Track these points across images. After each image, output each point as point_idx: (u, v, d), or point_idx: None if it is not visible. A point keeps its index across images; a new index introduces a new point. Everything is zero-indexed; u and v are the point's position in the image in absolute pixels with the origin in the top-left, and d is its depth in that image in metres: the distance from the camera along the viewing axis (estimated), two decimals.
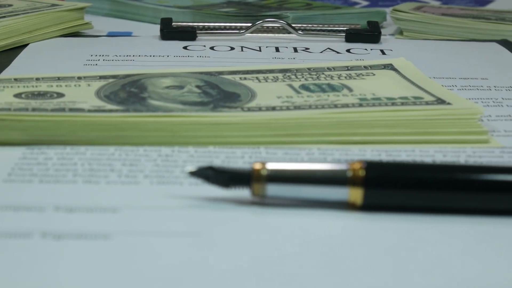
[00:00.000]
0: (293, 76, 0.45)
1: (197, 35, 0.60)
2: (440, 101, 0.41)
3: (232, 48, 0.58)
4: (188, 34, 0.60)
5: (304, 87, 0.43)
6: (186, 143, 0.38)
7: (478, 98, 0.46)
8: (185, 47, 0.58)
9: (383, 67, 0.47)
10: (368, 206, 0.31)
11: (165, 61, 0.54)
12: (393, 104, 0.40)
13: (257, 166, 0.31)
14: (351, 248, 0.29)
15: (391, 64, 0.48)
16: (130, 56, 0.55)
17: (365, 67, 0.47)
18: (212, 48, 0.58)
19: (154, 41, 0.60)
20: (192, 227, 0.30)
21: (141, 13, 0.69)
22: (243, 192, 0.32)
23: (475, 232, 0.30)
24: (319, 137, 0.38)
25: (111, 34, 0.63)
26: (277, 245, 0.29)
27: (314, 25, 0.63)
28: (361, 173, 0.31)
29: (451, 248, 0.29)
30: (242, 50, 0.58)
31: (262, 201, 0.32)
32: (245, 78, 0.45)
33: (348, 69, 0.47)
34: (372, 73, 0.46)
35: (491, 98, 0.46)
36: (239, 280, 0.26)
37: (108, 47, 0.57)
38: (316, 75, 0.45)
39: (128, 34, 0.63)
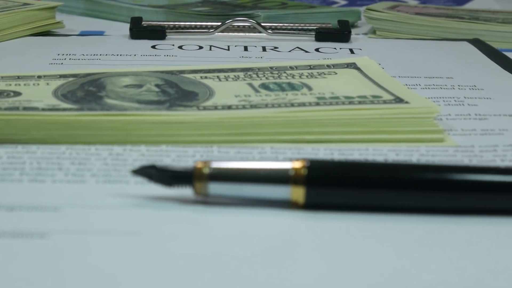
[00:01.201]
0: (254, 75, 0.45)
1: (167, 34, 0.60)
2: (398, 100, 0.41)
3: (200, 47, 0.58)
4: (158, 33, 0.60)
5: (264, 86, 0.43)
6: (139, 142, 0.38)
7: (439, 97, 0.46)
8: (153, 46, 0.58)
9: (346, 66, 0.47)
10: (311, 204, 0.31)
11: (131, 60, 0.54)
12: (350, 103, 0.40)
13: (199, 164, 0.31)
14: (291, 247, 0.29)
15: (354, 63, 0.48)
16: (97, 55, 0.55)
17: (328, 66, 0.47)
18: (180, 47, 0.58)
19: (123, 40, 0.60)
20: (131, 225, 0.30)
21: (115, 13, 0.69)
22: (187, 191, 0.31)
23: (416, 230, 0.30)
24: (272, 136, 0.38)
25: (83, 33, 0.63)
26: (215, 244, 0.29)
27: (285, 24, 0.62)
28: (303, 171, 0.31)
29: (392, 246, 0.29)
30: (210, 49, 0.58)
31: (205, 200, 0.32)
32: (206, 77, 0.45)
33: (310, 68, 0.46)
34: (334, 72, 0.46)
35: (453, 97, 0.46)
36: (171, 279, 0.26)
37: (77, 46, 0.57)
38: (277, 74, 0.45)
39: (100, 33, 0.63)
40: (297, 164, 0.31)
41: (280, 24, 0.62)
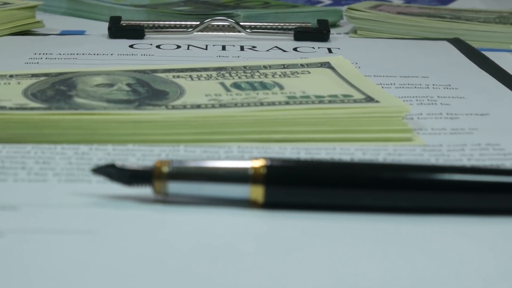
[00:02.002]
0: (227, 74, 0.45)
1: (146, 33, 0.60)
2: (369, 99, 0.41)
3: (178, 47, 0.58)
4: (136, 33, 0.60)
5: (236, 85, 0.43)
6: (106, 141, 0.37)
7: (413, 96, 0.46)
8: (131, 46, 0.58)
9: (320, 65, 0.47)
10: (270, 204, 0.31)
11: (108, 59, 0.54)
12: (320, 102, 0.40)
13: (159, 163, 0.31)
14: (250, 246, 0.29)
15: (328, 62, 0.47)
16: (73, 54, 0.55)
17: (302, 65, 0.47)
18: (158, 46, 0.58)
19: (101, 40, 0.60)
20: (88, 225, 0.30)
21: (97, 12, 0.69)
22: (146, 190, 0.31)
23: (376, 230, 0.30)
24: (241, 135, 0.38)
25: (64, 33, 0.63)
26: (172, 244, 0.29)
27: (265, 24, 0.62)
28: (262, 170, 0.31)
29: (351, 246, 0.29)
30: (188, 49, 0.58)
31: (164, 199, 0.31)
32: (178, 76, 0.44)
33: (284, 67, 0.46)
34: (307, 71, 0.46)
35: (427, 96, 0.46)
36: (128, 279, 0.26)
37: (54, 45, 0.57)
38: (250, 73, 0.45)
39: (81, 33, 0.63)
40: (257, 163, 0.31)
41: (259, 24, 0.62)
